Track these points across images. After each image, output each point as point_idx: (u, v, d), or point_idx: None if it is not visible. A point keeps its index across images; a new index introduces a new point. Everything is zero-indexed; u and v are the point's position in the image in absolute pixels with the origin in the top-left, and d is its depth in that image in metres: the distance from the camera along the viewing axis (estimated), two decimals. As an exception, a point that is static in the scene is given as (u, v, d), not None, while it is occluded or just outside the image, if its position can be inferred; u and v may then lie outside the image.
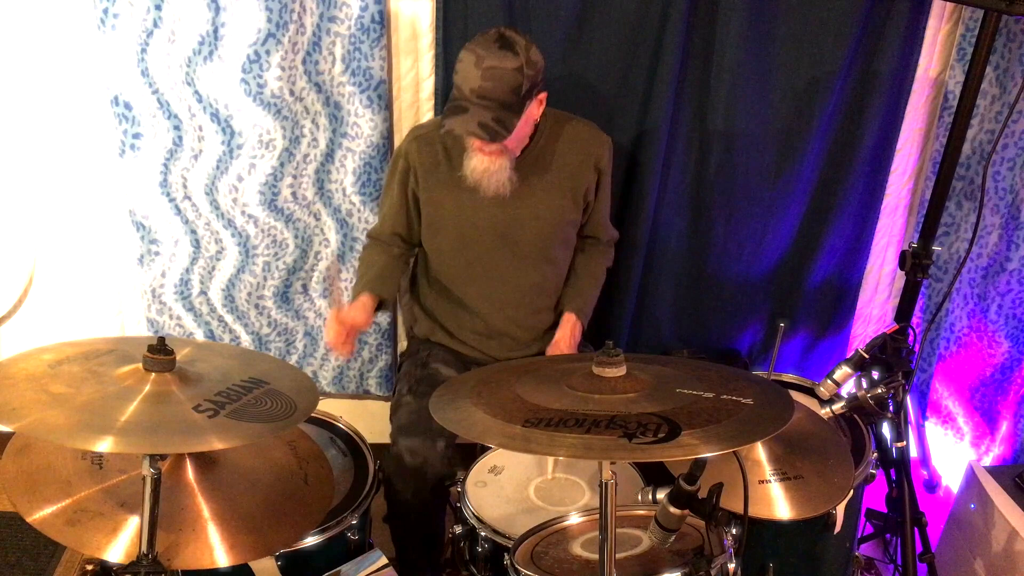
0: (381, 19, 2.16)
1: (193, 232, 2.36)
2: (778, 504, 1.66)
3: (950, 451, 2.67)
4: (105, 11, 2.08)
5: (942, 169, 2.09)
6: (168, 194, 2.30)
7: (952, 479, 2.66)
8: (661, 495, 1.43)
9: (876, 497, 2.25)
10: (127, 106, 2.19)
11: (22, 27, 2.22)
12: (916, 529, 2.09)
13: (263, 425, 1.39)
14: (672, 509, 1.40)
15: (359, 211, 2.39)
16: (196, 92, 2.18)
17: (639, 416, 1.29)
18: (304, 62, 2.19)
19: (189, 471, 1.50)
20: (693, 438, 1.24)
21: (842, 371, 2.03)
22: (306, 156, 2.31)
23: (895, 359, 2.05)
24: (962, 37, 2.30)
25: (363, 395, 2.70)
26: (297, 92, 2.21)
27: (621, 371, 1.43)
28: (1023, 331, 2.43)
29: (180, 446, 1.38)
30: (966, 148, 2.35)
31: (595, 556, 1.59)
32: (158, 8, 2.09)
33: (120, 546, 1.39)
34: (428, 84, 2.31)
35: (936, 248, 2.16)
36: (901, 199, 2.58)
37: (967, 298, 2.54)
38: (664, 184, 2.43)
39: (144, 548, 1.34)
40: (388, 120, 2.31)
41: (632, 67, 2.29)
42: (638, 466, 1.96)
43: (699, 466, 1.36)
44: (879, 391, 1.94)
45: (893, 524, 2.16)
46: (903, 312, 2.22)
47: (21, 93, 2.29)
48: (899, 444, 2.03)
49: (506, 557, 1.63)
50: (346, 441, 2.02)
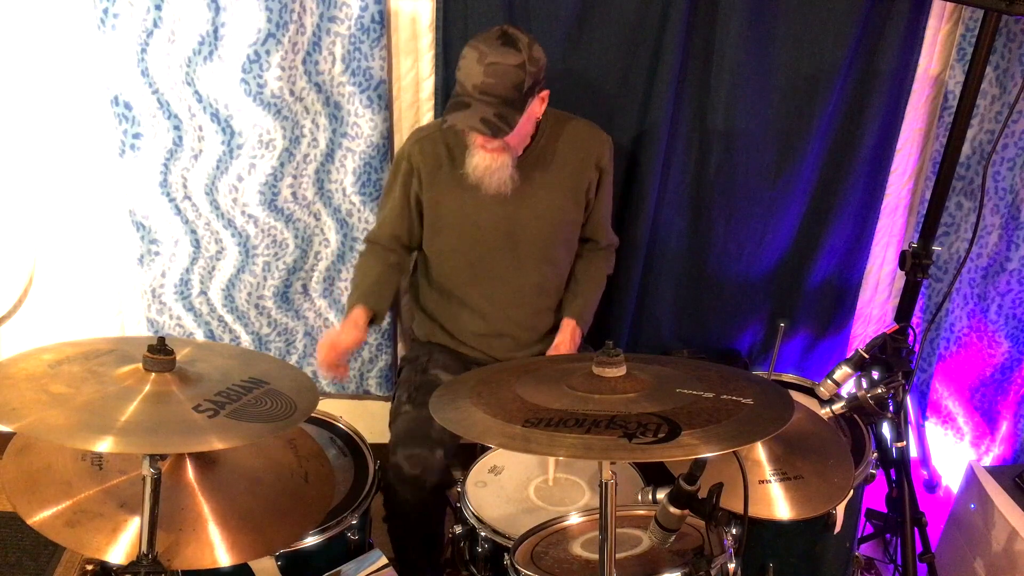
0: (381, 19, 2.16)
1: (193, 232, 2.36)
2: (778, 504, 1.66)
3: (950, 451, 2.67)
4: (105, 11, 2.08)
5: (942, 169, 2.09)
6: (168, 194, 2.30)
7: (952, 479, 2.65)
8: (661, 495, 1.43)
9: (876, 497, 2.25)
10: (127, 106, 2.19)
11: (22, 27, 2.22)
12: (916, 529, 2.09)
13: (263, 425, 1.39)
14: (672, 509, 1.40)
15: (359, 211, 2.39)
16: (196, 92, 2.19)
17: (639, 416, 1.29)
18: (304, 62, 2.19)
19: (189, 471, 1.50)
20: (693, 438, 1.24)
21: (842, 371, 2.03)
22: (306, 156, 2.31)
23: (895, 359, 2.05)
24: (962, 37, 2.30)
25: (363, 395, 2.69)
26: (297, 92, 2.21)
27: (621, 371, 1.43)
28: (1023, 331, 2.43)
29: (180, 446, 1.38)
30: (966, 148, 2.34)
31: (595, 556, 1.59)
32: (158, 8, 2.09)
33: (120, 547, 1.39)
34: (428, 84, 2.31)
35: (936, 248, 2.16)
36: (901, 199, 2.58)
37: (967, 298, 2.54)
38: (664, 184, 2.43)
39: (144, 548, 1.34)
40: (388, 120, 2.31)
41: (632, 67, 2.29)
42: (638, 466, 1.96)
43: (699, 466, 1.36)
44: (879, 391, 1.94)
45: (893, 524, 2.16)
46: (903, 312, 2.22)
47: (21, 93, 2.29)
48: (899, 444, 2.03)
49: (506, 557, 1.63)
50: (346, 441, 2.02)
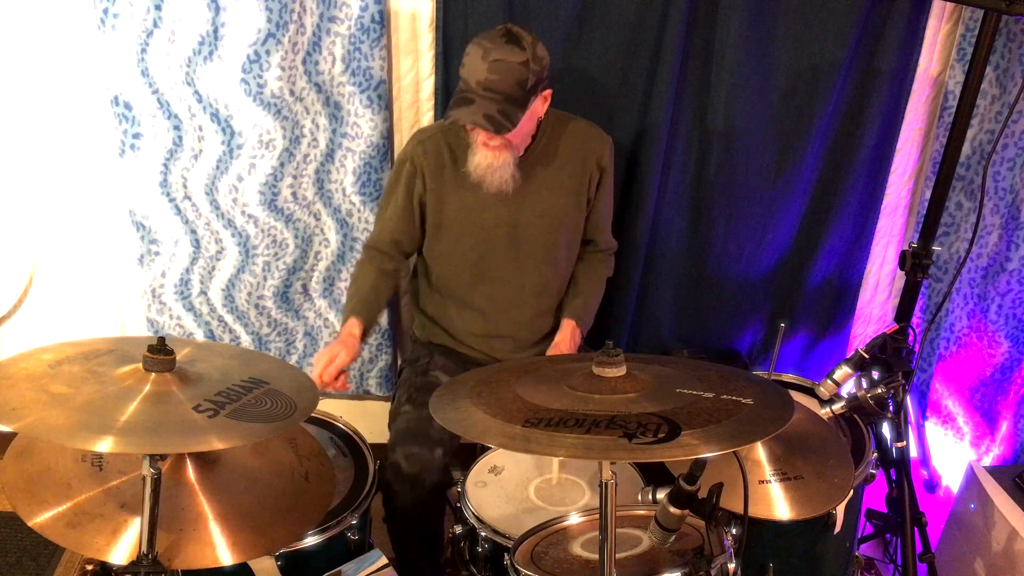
0: (381, 19, 2.16)
1: (193, 232, 2.36)
2: (778, 504, 1.66)
3: (950, 451, 2.67)
4: (105, 11, 2.08)
5: (942, 169, 2.09)
6: (168, 194, 2.30)
7: (952, 479, 2.65)
8: (661, 495, 1.43)
9: (876, 497, 2.25)
10: (127, 106, 2.19)
11: (22, 27, 2.22)
12: (916, 529, 2.09)
13: (263, 425, 1.39)
14: (672, 509, 1.40)
15: (359, 211, 2.39)
16: (196, 92, 2.18)
17: (639, 416, 1.29)
18: (304, 62, 2.19)
19: (189, 471, 1.50)
20: (693, 438, 1.24)
21: (842, 371, 2.03)
22: (306, 156, 2.31)
23: (895, 359, 2.05)
24: (962, 37, 2.30)
25: (363, 395, 2.69)
26: (297, 92, 2.21)
27: (621, 371, 1.43)
28: (1023, 331, 2.43)
29: (180, 446, 1.38)
30: (966, 148, 2.34)
31: (595, 556, 1.59)
32: (158, 8, 2.09)
33: (121, 548, 1.39)
34: (428, 84, 2.31)
35: (936, 248, 2.16)
36: (901, 199, 2.57)
37: (967, 298, 2.54)
38: (664, 184, 2.43)
39: (144, 548, 1.34)
40: (388, 120, 2.31)
41: (632, 67, 2.29)
42: (638, 466, 1.96)
43: (699, 466, 1.36)
44: (879, 391, 1.94)
45: (893, 524, 2.16)
46: (903, 312, 2.22)
47: (21, 93, 2.29)
48: (899, 444, 2.03)
49: (506, 557, 1.63)
50: (346, 441, 2.02)
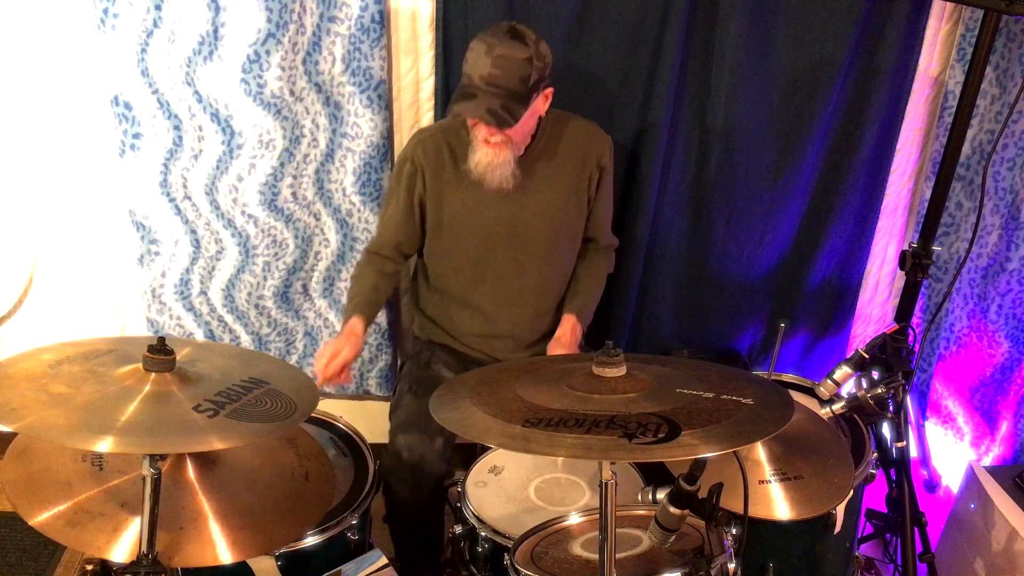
0: (381, 19, 2.16)
1: (193, 232, 2.36)
2: (778, 504, 1.66)
3: (950, 451, 2.67)
4: (105, 11, 2.08)
5: (942, 169, 2.09)
6: (168, 194, 2.30)
7: (952, 479, 2.65)
8: (661, 495, 1.43)
9: (876, 497, 2.25)
10: (127, 106, 2.19)
11: (22, 27, 2.22)
12: (916, 529, 2.09)
13: (263, 425, 1.39)
14: (672, 509, 1.40)
15: (359, 211, 2.39)
16: (196, 92, 2.18)
17: (639, 416, 1.29)
18: (304, 62, 2.19)
19: (189, 470, 1.50)
20: (693, 438, 1.24)
21: (842, 371, 2.03)
22: (306, 156, 2.31)
23: (895, 359, 2.05)
24: (962, 37, 2.30)
25: (363, 395, 2.69)
26: (297, 92, 2.21)
27: (621, 371, 1.43)
28: (1023, 331, 2.43)
29: (180, 446, 1.38)
30: (966, 148, 2.34)
31: (595, 556, 1.59)
32: (158, 8, 2.09)
33: (122, 546, 1.39)
34: (428, 84, 2.31)
35: (936, 248, 2.16)
36: (901, 199, 2.57)
37: (967, 298, 2.54)
38: (664, 184, 2.43)
39: (144, 548, 1.34)
40: (388, 120, 2.31)
41: (632, 67, 2.29)
42: (638, 466, 1.96)
43: (699, 466, 1.36)
44: (879, 391, 1.94)
45: (893, 524, 2.16)
46: (903, 312, 2.22)
47: (21, 93, 2.29)
48: (899, 444, 2.03)
49: (506, 557, 1.63)
50: (346, 441, 2.02)
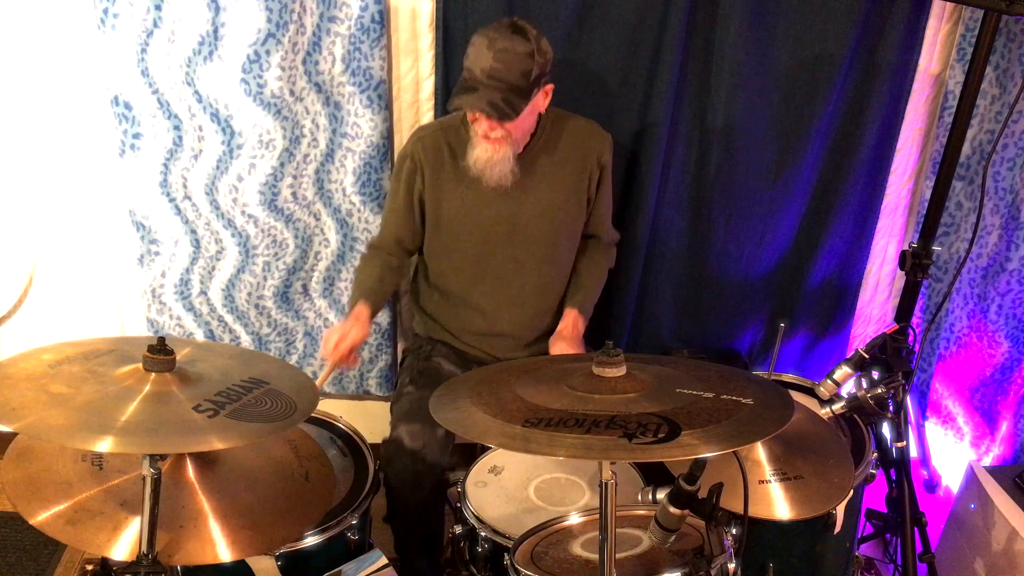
0: (381, 19, 2.16)
1: (193, 232, 2.36)
2: (778, 504, 1.66)
3: (950, 451, 2.67)
4: (105, 11, 2.08)
5: (942, 169, 2.09)
6: (168, 194, 2.30)
7: (952, 479, 2.65)
8: (661, 495, 1.43)
9: (876, 497, 2.25)
10: (127, 106, 2.19)
11: (22, 27, 2.22)
12: (916, 529, 2.09)
13: (263, 425, 1.39)
14: (672, 509, 1.40)
15: (359, 211, 2.39)
16: (196, 92, 2.18)
17: (639, 416, 1.29)
18: (304, 62, 2.19)
19: (189, 470, 1.50)
20: (693, 438, 1.24)
21: (842, 371, 2.03)
22: (306, 156, 2.31)
23: (895, 359, 2.05)
24: (962, 37, 2.30)
25: (363, 395, 2.69)
26: (297, 92, 2.21)
27: (621, 371, 1.43)
28: (1023, 331, 2.43)
29: (180, 446, 1.38)
30: (966, 148, 2.34)
31: (595, 556, 1.59)
32: (158, 8, 2.09)
33: (123, 544, 1.39)
34: (428, 84, 2.31)
35: (936, 248, 2.16)
36: (901, 199, 2.57)
37: (967, 298, 2.54)
38: (664, 184, 2.43)
39: (144, 548, 1.34)
40: (388, 120, 2.31)
41: (632, 67, 2.29)
42: (638, 466, 1.96)
43: (699, 466, 1.36)
44: (879, 391, 1.94)
45: (893, 524, 2.16)
46: (903, 312, 2.22)
47: (21, 93, 2.29)
48: (899, 444, 2.03)
49: (506, 557, 1.63)
50: (346, 441, 2.02)
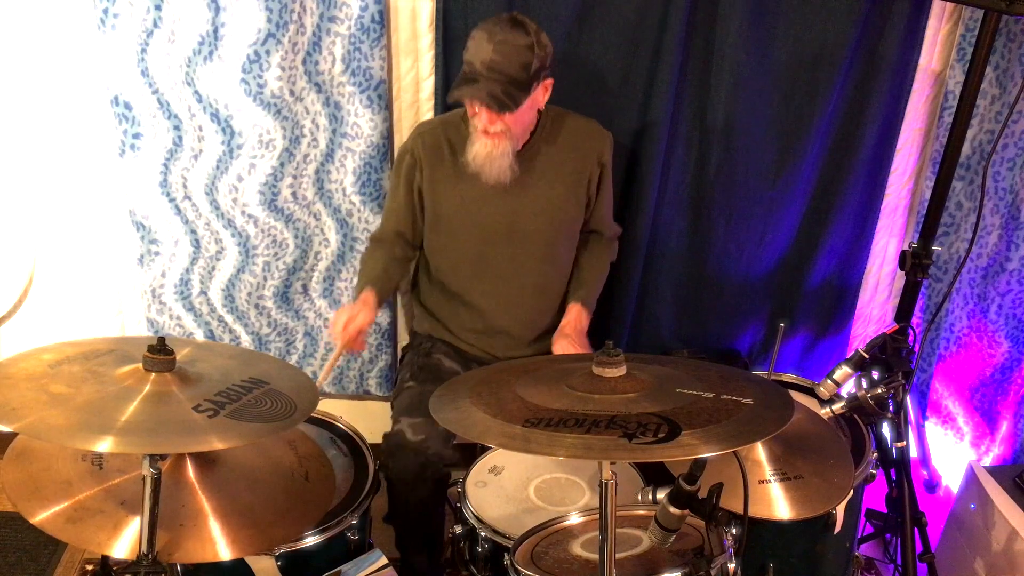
0: (381, 19, 2.16)
1: (193, 232, 2.36)
2: (778, 504, 1.65)
3: (950, 451, 2.67)
4: (105, 11, 2.08)
5: (942, 169, 2.09)
6: (168, 194, 2.30)
7: (952, 479, 2.65)
8: (661, 495, 1.43)
9: (876, 497, 2.25)
10: (127, 106, 2.19)
11: (22, 27, 2.22)
12: (916, 529, 2.09)
13: (263, 425, 1.39)
14: (672, 509, 1.40)
15: (359, 211, 2.39)
16: (196, 92, 2.18)
17: (639, 416, 1.29)
18: (304, 62, 2.19)
19: (189, 470, 1.50)
20: (693, 438, 1.24)
21: (842, 371, 2.03)
22: (306, 156, 2.31)
23: (895, 359, 2.05)
24: (962, 37, 2.30)
25: (363, 395, 2.69)
26: (297, 92, 2.21)
27: (621, 371, 1.43)
28: (1023, 331, 2.43)
29: (180, 446, 1.38)
30: (966, 148, 2.34)
31: (595, 556, 1.59)
32: (158, 8, 2.09)
33: (123, 543, 1.39)
34: (428, 84, 2.31)
35: (936, 248, 2.16)
36: (901, 199, 2.57)
37: (967, 298, 2.54)
38: (664, 184, 2.43)
39: (144, 548, 1.34)
40: (388, 120, 2.31)
41: (632, 66, 2.29)
42: (638, 466, 1.96)
43: (699, 466, 1.36)
44: (879, 391, 1.94)
45: (893, 524, 2.16)
46: (903, 312, 2.22)
47: (21, 93, 2.29)
48: (899, 444, 2.03)
49: (506, 557, 1.63)
50: (346, 441, 2.02)
